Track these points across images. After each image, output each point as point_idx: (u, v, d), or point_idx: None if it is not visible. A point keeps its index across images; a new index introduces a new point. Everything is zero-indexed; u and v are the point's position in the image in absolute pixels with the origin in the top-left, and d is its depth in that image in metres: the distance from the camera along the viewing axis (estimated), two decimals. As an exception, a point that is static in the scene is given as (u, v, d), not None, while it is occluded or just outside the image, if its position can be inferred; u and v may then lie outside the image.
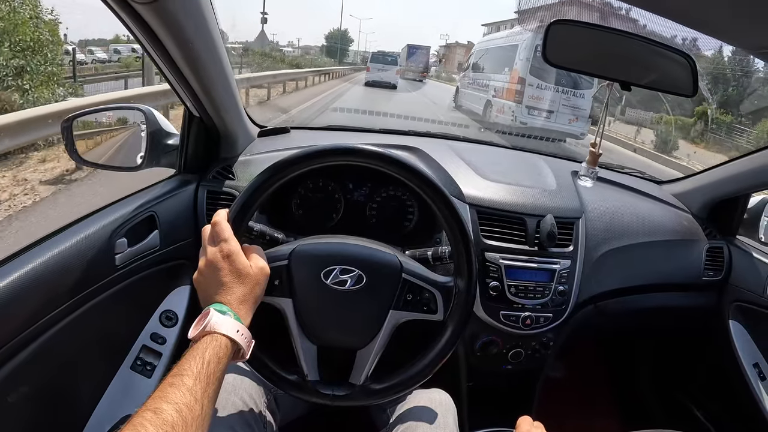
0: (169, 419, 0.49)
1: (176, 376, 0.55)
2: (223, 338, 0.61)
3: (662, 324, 1.46)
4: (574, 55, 0.77)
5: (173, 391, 0.52)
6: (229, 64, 0.98)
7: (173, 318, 1.02)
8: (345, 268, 0.75)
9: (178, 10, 0.73)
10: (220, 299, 0.65)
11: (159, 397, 0.52)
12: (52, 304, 0.75)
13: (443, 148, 1.30)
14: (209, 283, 0.67)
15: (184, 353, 0.59)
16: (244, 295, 0.67)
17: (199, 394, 0.54)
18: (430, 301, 0.78)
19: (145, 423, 0.48)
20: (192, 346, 0.60)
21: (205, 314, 0.62)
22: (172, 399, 0.51)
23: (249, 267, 0.68)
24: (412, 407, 0.89)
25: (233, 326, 0.62)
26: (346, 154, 0.75)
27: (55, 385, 0.81)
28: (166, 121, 1.10)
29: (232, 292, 0.66)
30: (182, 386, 0.53)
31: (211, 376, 0.56)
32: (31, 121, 4.03)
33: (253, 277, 0.68)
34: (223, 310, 0.63)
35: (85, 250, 0.81)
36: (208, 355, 0.58)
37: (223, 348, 0.60)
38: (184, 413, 0.51)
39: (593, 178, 1.00)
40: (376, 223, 1.15)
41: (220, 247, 0.67)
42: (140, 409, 0.50)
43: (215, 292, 0.66)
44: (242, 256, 0.68)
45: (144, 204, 0.96)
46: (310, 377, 0.77)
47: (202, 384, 0.55)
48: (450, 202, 0.76)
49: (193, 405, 0.52)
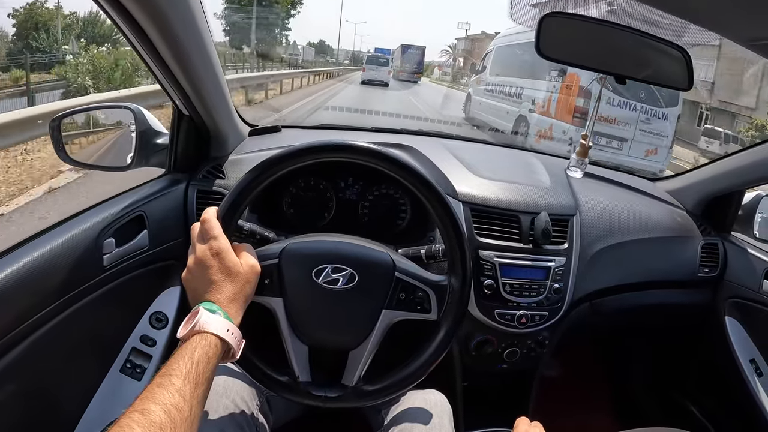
0: (157, 420, 0.48)
1: (164, 377, 0.53)
2: (212, 337, 0.59)
3: (658, 321, 1.46)
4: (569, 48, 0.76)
5: (161, 392, 0.51)
6: (219, 62, 0.97)
7: (163, 320, 1.01)
8: (337, 266, 0.74)
9: (164, 3, 0.71)
10: (210, 298, 0.64)
11: (147, 398, 0.50)
12: (38, 305, 0.74)
13: (436, 146, 1.29)
14: (198, 282, 0.66)
15: (173, 353, 0.58)
16: (234, 294, 0.65)
17: (188, 394, 0.53)
18: (423, 301, 0.76)
19: (132, 424, 0.47)
20: (181, 346, 0.58)
21: (195, 313, 0.61)
22: (160, 400, 0.50)
23: (239, 265, 0.67)
24: (407, 408, 0.87)
25: (223, 325, 0.61)
26: (337, 151, 0.74)
27: (42, 388, 0.79)
28: (156, 120, 1.08)
29: (221, 290, 0.64)
30: (170, 386, 0.52)
31: (200, 377, 0.55)
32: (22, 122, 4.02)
33: (243, 275, 0.66)
34: (213, 309, 0.62)
35: (72, 250, 0.80)
36: (198, 354, 0.56)
37: (213, 348, 0.59)
38: (173, 414, 0.49)
39: (582, 169, 1.00)
40: (368, 222, 1.14)
41: (210, 245, 0.66)
42: (128, 410, 0.49)
43: (204, 290, 0.65)
44: (232, 254, 0.67)
45: (132, 203, 0.94)
46: (301, 378, 0.76)
47: (191, 384, 0.54)
48: (443, 199, 0.75)
49: (181, 406, 0.51)
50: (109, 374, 0.94)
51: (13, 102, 8.00)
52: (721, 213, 1.39)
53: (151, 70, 0.91)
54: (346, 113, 9.22)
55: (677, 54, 0.80)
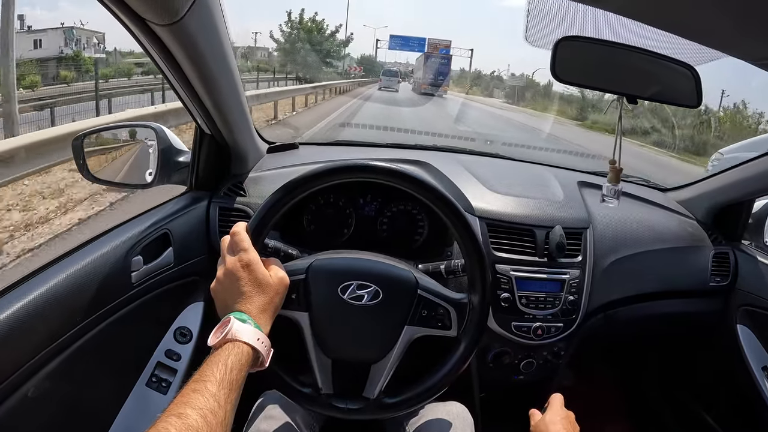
0: (194, 424, 0.49)
1: (199, 382, 0.55)
2: (244, 346, 0.61)
3: (671, 330, 1.46)
4: (582, 71, 0.78)
5: (197, 397, 0.53)
6: (240, 82, 1.00)
7: (187, 334, 1.03)
8: (362, 283, 0.76)
9: (195, 31, 0.74)
10: (240, 308, 0.66)
11: (183, 403, 0.52)
12: (72, 321, 0.76)
13: (451, 161, 1.31)
14: (228, 292, 0.68)
15: (204, 360, 0.59)
16: (264, 305, 0.67)
17: (223, 400, 0.54)
18: (444, 317, 0.78)
19: (170, 428, 0.48)
20: (213, 353, 0.60)
21: (226, 322, 0.63)
22: (196, 404, 0.52)
23: (269, 277, 0.69)
24: (429, 420, 0.89)
25: (254, 334, 0.63)
26: (361, 171, 0.76)
27: (71, 403, 0.81)
28: (177, 139, 1.11)
29: (252, 301, 0.66)
30: (205, 392, 0.54)
31: (233, 383, 0.57)
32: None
33: (273, 287, 0.68)
34: (244, 319, 0.64)
35: (102, 267, 0.82)
36: (231, 362, 0.58)
37: (245, 356, 0.61)
38: (209, 418, 0.51)
39: (617, 197, 0.94)
40: (387, 238, 1.16)
41: (240, 257, 0.68)
42: (163, 413, 0.51)
43: (234, 301, 0.66)
44: (262, 266, 0.69)
45: (158, 221, 0.96)
46: (324, 390, 0.78)
47: (225, 390, 0.55)
48: (463, 217, 0.77)
49: (216, 410, 0.53)
50: (135, 388, 0.96)
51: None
52: (731, 222, 1.39)
53: (175, 91, 0.94)
54: (362, 129, 9.22)
55: (686, 72, 0.81)
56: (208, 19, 0.76)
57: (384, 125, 8.20)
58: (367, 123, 9.71)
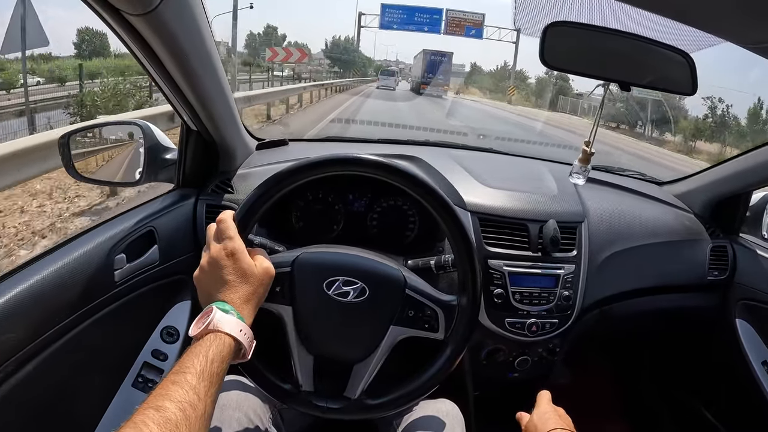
0: (172, 418, 0.48)
1: (179, 374, 0.53)
2: (226, 337, 0.59)
3: (668, 326, 1.45)
4: (572, 57, 0.76)
5: (176, 389, 0.51)
6: (226, 77, 0.98)
7: (174, 334, 1.01)
8: (348, 279, 0.74)
9: (171, 21, 0.72)
10: (223, 297, 0.64)
11: (162, 395, 0.50)
12: (52, 320, 0.74)
13: (443, 156, 1.29)
14: (211, 281, 0.66)
15: (185, 350, 0.58)
16: (248, 295, 0.65)
17: (203, 392, 0.53)
18: (431, 319, 0.76)
19: (148, 421, 0.46)
20: (194, 344, 0.58)
21: (208, 312, 0.61)
22: (175, 397, 0.50)
23: (253, 266, 0.67)
24: (420, 417, 0.87)
25: (236, 325, 0.61)
26: (350, 164, 0.74)
27: (55, 404, 0.80)
28: (164, 136, 1.09)
29: (235, 290, 0.65)
30: (185, 384, 0.52)
31: (214, 376, 0.55)
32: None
33: (257, 277, 0.67)
34: (226, 309, 0.62)
35: (84, 266, 0.80)
36: (212, 353, 0.57)
37: (227, 347, 0.59)
38: (188, 412, 0.49)
39: (585, 175, 1.00)
40: (377, 233, 1.14)
41: (225, 245, 0.66)
42: (141, 406, 0.49)
43: (217, 290, 0.65)
44: (247, 256, 0.67)
45: (143, 219, 0.95)
46: (304, 387, 0.76)
47: (205, 383, 0.54)
48: (454, 212, 0.75)
49: (196, 403, 0.51)
50: (121, 389, 0.94)
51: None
52: (728, 215, 1.38)
53: (159, 87, 0.92)
54: (351, 125, 9.20)
55: (680, 59, 0.80)
56: (184, 9, 0.74)
57: (375, 120, 8.19)
58: (358, 118, 9.70)
